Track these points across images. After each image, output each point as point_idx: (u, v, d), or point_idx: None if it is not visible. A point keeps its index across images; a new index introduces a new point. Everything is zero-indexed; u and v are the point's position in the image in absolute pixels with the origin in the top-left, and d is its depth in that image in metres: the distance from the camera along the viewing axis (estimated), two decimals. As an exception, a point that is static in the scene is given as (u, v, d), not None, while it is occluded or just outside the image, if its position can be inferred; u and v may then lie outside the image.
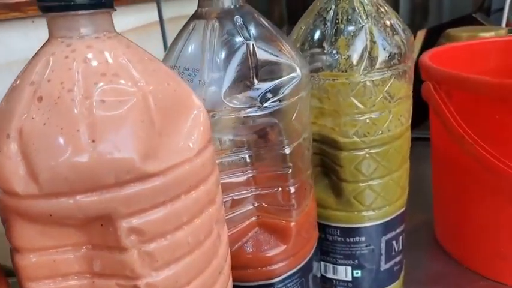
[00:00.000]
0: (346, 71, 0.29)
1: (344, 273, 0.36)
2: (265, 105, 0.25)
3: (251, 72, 0.24)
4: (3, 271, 0.21)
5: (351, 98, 0.30)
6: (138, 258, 0.17)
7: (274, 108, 0.25)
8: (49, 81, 0.17)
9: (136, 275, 0.17)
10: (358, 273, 0.36)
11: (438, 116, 0.37)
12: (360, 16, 0.30)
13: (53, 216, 0.16)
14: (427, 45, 0.89)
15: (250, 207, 0.28)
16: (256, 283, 0.29)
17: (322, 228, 0.35)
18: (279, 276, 0.29)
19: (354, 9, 0.30)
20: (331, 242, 0.36)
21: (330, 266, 0.37)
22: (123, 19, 0.58)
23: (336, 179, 0.34)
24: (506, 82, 0.33)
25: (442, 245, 0.48)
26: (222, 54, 0.24)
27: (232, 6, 0.25)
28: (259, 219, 0.28)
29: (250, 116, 0.25)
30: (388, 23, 0.30)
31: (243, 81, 0.24)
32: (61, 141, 0.16)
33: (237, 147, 0.26)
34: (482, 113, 0.36)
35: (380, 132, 0.31)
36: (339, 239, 0.35)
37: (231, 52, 0.24)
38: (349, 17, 0.30)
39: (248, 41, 0.24)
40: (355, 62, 0.29)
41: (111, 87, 0.17)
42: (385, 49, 0.29)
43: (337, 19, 0.30)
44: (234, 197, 0.27)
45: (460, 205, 0.43)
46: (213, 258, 0.21)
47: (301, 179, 0.28)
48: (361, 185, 0.33)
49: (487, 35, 0.69)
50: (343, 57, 0.29)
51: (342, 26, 0.30)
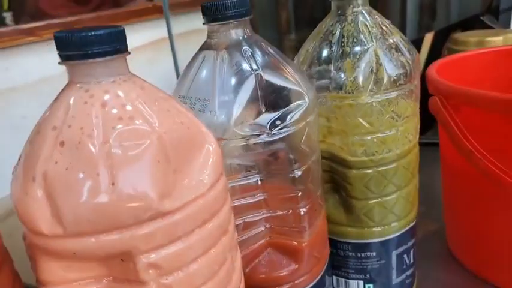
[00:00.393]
0: (352, 93, 0.30)
1: (356, 287, 0.37)
2: (274, 131, 0.25)
3: (260, 100, 0.25)
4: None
5: (358, 118, 0.31)
6: (157, 291, 0.18)
7: (283, 134, 0.26)
8: (70, 127, 0.18)
9: (155, 307, 0.18)
10: (370, 287, 0.37)
11: (446, 130, 0.38)
12: (365, 38, 0.30)
13: (77, 254, 0.17)
14: (434, 49, 0.89)
15: (262, 229, 0.29)
16: (270, 302, 0.29)
17: (334, 243, 0.36)
18: (292, 295, 0.29)
19: (359, 32, 0.30)
20: (343, 257, 0.36)
21: (342, 280, 0.37)
22: (133, 37, 0.59)
23: (345, 195, 0.34)
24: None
25: (454, 255, 0.48)
26: (232, 84, 0.25)
27: (240, 38, 0.26)
28: (271, 240, 0.29)
29: (260, 142, 0.26)
30: (393, 44, 0.31)
31: (252, 110, 0.25)
32: (83, 184, 0.17)
33: (248, 172, 0.27)
34: (490, 126, 0.36)
35: (388, 150, 0.32)
36: (350, 254, 0.36)
37: (240, 82, 0.25)
38: (355, 40, 0.30)
39: (256, 71, 0.25)
40: (361, 83, 0.30)
41: (128, 130, 0.18)
42: (390, 70, 0.30)
43: (343, 42, 0.31)
44: (246, 220, 0.28)
45: (471, 216, 0.43)
46: (228, 285, 0.22)
47: (312, 200, 0.29)
48: (370, 202, 0.33)
49: (495, 39, 0.69)
50: (350, 79, 0.30)
51: (348, 48, 0.30)
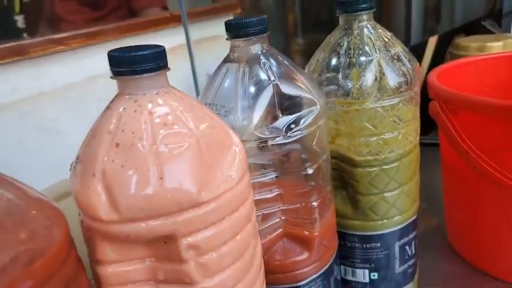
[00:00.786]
0: (358, 99, 0.34)
1: (362, 275, 0.40)
2: (289, 134, 0.29)
3: (276, 107, 0.29)
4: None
5: (364, 122, 0.34)
6: (195, 268, 0.22)
7: (297, 137, 0.29)
8: (123, 131, 0.21)
9: (194, 282, 0.22)
10: (375, 276, 0.40)
11: (444, 132, 0.41)
12: (370, 50, 0.34)
13: (130, 236, 0.21)
14: (438, 52, 0.92)
15: (278, 220, 0.32)
16: (284, 286, 0.33)
17: (342, 235, 0.39)
18: (304, 280, 0.33)
19: (364, 44, 0.34)
20: (350, 248, 0.40)
21: (349, 269, 0.41)
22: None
23: (352, 192, 0.38)
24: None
25: (454, 248, 0.51)
26: (252, 93, 0.29)
27: (259, 52, 0.29)
28: (286, 230, 0.33)
29: (276, 144, 0.29)
30: (395, 55, 0.34)
31: (270, 115, 0.29)
32: (136, 179, 0.20)
33: (265, 170, 0.31)
34: (485, 129, 0.39)
35: (391, 151, 0.35)
36: (356, 245, 0.39)
37: (259, 91, 0.29)
38: (360, 51, 0.34)
39: (273, 81, 0.29)
40: (366, 91, 0.33)
41: (171, 134, 0.21)
42: (393, 79, 0.33)
43: (350, 53, 0.34)
44: (264, 212, 0.32)
45: (469, 211, 0.47)
46: (251, 267, 0.25)
47: (322, 195, 0.32)
48: (375, 197, 0.37)
49: (495, 44, 0.72)
50: (356, 87, 0.33)
51: (354, 59, 0.34)
